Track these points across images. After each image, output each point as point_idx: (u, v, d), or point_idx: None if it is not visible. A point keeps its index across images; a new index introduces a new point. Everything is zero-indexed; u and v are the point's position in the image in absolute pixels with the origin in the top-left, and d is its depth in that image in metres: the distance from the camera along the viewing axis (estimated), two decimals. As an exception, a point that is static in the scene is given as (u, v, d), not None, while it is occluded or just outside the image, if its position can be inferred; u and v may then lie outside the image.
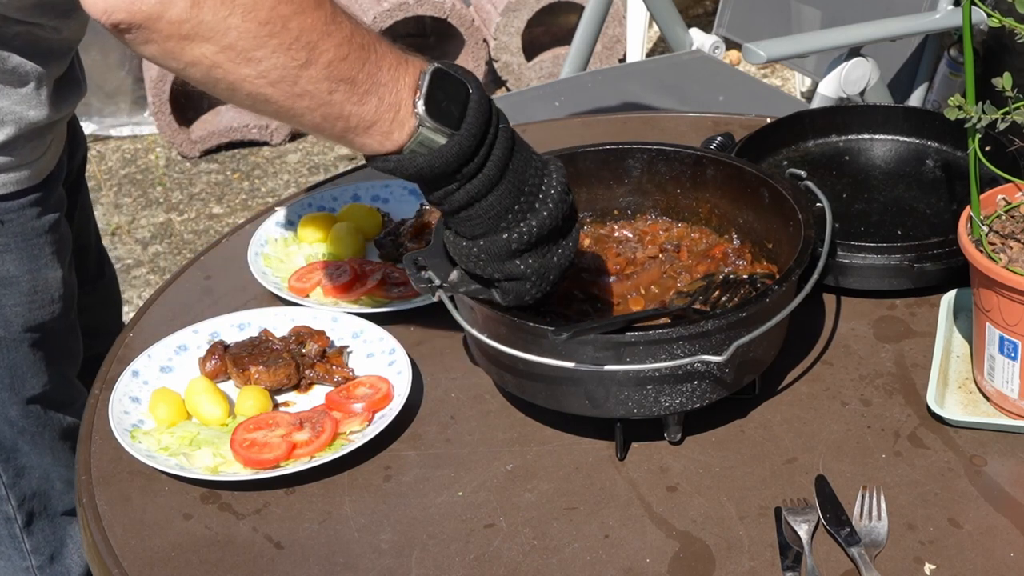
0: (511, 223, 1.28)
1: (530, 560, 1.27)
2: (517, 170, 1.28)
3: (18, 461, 1.67)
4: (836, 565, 1.24)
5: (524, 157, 1.29)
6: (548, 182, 1.30)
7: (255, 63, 1.16)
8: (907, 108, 1.90)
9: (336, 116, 1.21)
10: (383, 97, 1.22)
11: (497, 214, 1.28)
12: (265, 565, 1.29)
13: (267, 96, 1.19)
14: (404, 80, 1.23)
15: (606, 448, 1.40)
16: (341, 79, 1.19)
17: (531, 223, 1.28)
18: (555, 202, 1.30)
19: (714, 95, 3.14)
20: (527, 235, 1.28)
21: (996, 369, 1.37)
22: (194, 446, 1.41)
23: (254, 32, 1.14)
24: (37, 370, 1.64)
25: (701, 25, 3.64)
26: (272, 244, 1.74)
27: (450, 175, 1.25)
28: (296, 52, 1.16)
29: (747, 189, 1.53)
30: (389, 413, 1.42)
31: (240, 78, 1.17)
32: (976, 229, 1.35)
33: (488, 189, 1.26)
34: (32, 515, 1.71)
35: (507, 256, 1.29)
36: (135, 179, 4.06)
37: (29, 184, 1.56)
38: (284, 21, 1.15)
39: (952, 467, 1.34)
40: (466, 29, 4.30)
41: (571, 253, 1.34)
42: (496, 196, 1.27)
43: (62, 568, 1.76)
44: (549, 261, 1.32)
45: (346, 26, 1.19)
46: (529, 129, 2.10)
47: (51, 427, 1.68)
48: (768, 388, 1.46)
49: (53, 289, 1.62)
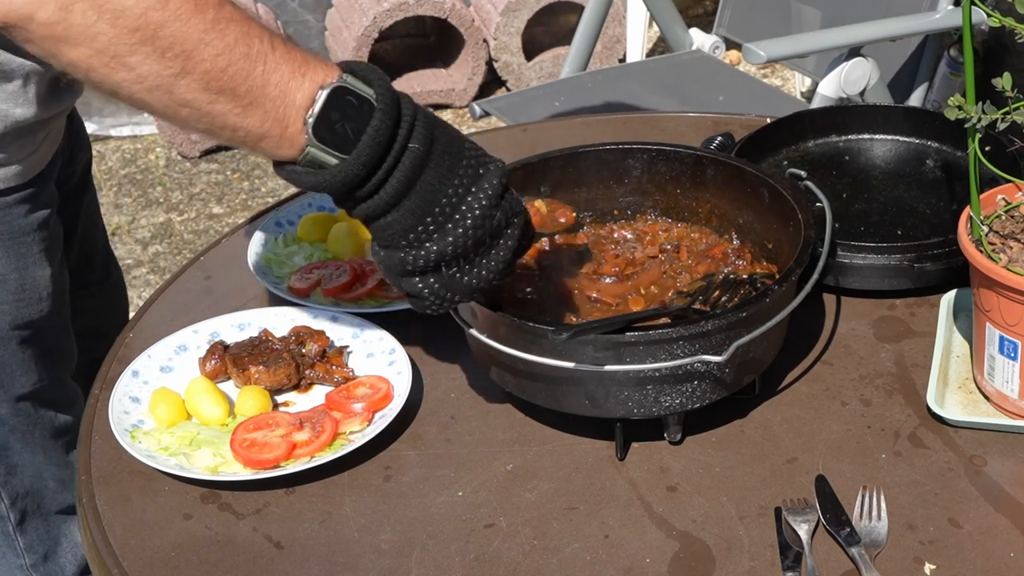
0: (412, 243, 1.25)
1: (530, 560, 1.27)
2: (426, 191, 1.23)
3: (10, 459, 1.67)
4: (836, 565, 1.24)
5: (441, 174, 1.24)
6: (471, 202, 1.25)
7: (129, 69, 1.14)
8: (907, 108, 1.90)
9: (221, 126, 1.19)
10: (269, 111, 1.18)
11: (397, 233, 1.24)
12: (265, 565, 1.29)
13: (147, 102, 1.17)
14: (297, 95, 1.19)
15: (606, 448, 1.40)
16: (220, 90, 1.16)
17: (432, 248, 1.24)
18: (469, 227, 1.25)
19: (714, 95, 3.15)
20: (423, 260, 1.25)
21: (996, 369, 1.37)
22: (194, 446, 1.41)
23: (123, 39, 1.13)
24: (26, 368, 1.64)
25: (701, 25, 3.64)
26: (272, 244, 1.74)
27: (345, 192, 1.22)
28: (170, 61, 1.14)
29: (747, 189, 1.53)
30: (389, 413, 1.42)
31: (116, 83, 1.16)
32: (976, 229, 1.35)
33: (385, 211, 1.23)
34: (25, 513, 1.71)
35: (403, 274, 1.27)
36: (135, 179, 4.06)
37: (17, 182, 1.55)
38: (155, 29, 1.13)
39: (952, 467, 1.34)
40: (466, 29, 4.30)
41: (493, 273, 1.29)
42: (396, 216, 1.23)
43: (56, 567, 1.76)
44: (456, 283, 1.27)
45: (230, 34, 1.16)
46: (529, 129, 2.10)
47: (42, 425, 1.68)
48: (768, 388, 1.46)
49: (41, 287, 1.62)
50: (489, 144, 2.04)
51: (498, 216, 1.27)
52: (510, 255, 1.30)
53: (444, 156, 1.24)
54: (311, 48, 4.47)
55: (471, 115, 3.17)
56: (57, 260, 1.65)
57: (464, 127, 4.31)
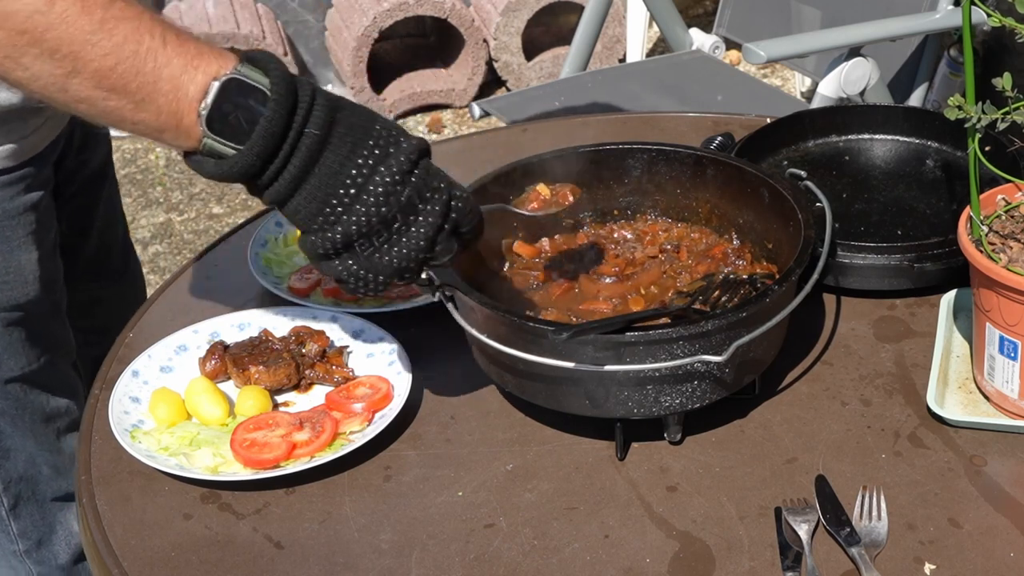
0: (322, 225, 1.25)
1: (530, 560, 1.27)
2: (326, 174, 1.24)
3: (2, 443, 1.67)
4: (836, 565, 1.24)
5: (342, 157, 1.24)
6: (376, 180, 1.25)
7: (24, 68, 1.18)
8: (907, 108, 1.90)
9: (119, 120, 1.21)
10: (162, 106, 1.20)
11: (305, 217, 1.25)
12: (265, 565, 1.29)
13: (51, 99, 1.20)
14: (190, 88, 1.20)
15: (606, 448, 1.40)
16: (111, 88, 1.19)
17: (338, 230, 1.25)
18: (371, 204, 1.24)
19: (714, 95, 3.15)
20: (331, 242, 1.25)
21: (996, 369, 1.37)
22: (194, 446, 1.41)
23: (13, 40, 1.16)
24: (13, 351, 1.64)
25: (701, 25, 3.64)
26: (272, 244, 1.74)
27: (247, 181, 1.24)
28: (60, 61, 1.17)
29: (747, 189, 1.53)
30: (389, 413, 1.42)
31: (17, 80, 1.19)
32: (976, 229, 1.35)
33: (288, 196, 1.24)
34: (19, 499, 1.71)
35: (320, 258, 1.27)
36: (135, 179, 4.06)
37: (5, 165, 1.56)
38: (42, 31, 1.15)
39: (952, 467, 1.34)
40: (466, 29, 4.30)
41: (414, 251, 1.27)
42: (300, 201, 1.25)
43: (49, 554, 1.76)
44: (376, 263, 1.27)
45: (119, 33, 1.18)
46: (529, 129, 2.10)
47: (31, 409, 1.68)
48: (768, 388, 1.46)
49: (27, 271, 1.62)
50: (489, 144, 2.06)
51: (407, 192, 1.26)
52: (431, 231, 1.28)
53: (346, 138, 1.25)
54: (311, 48, 4.47)
55: (471, 115, 3.17)
56: (48, 245, 1.65)
57: (464, 127, 4.31)
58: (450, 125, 4.35)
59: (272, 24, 4.27)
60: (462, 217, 1.30)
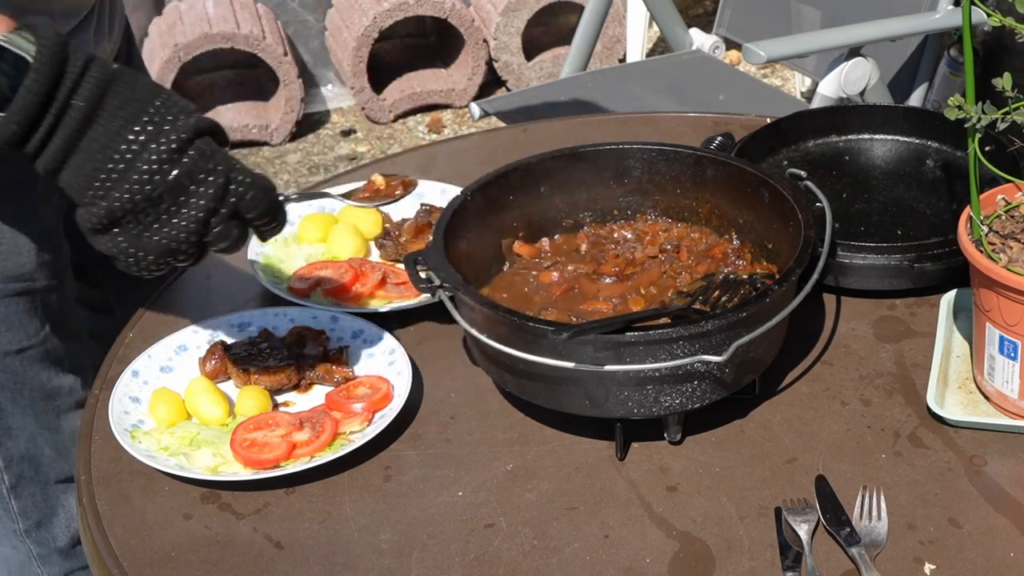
0: (92, 199, 1.24)
1: (530, 560, 1.27)
2: (94, 148, 1.23)
3: (3, 421, 1.67)
4: (836, 565, 1.24)
5: (113, 131, 1.23)
6: (144, 156, 1.23)
7: None
8: (907, 108, 1.90)
9: None
10: None
11: (76, 190, 1.25)
12: (265, 565, 1.29)
13: None
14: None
15: (606, 448, 1.40)
16: None
17: (101, 205, 1.24)
18: (135, 182, 1.23)
19: (714, 95, 3.15)
20: (97, 217, 1.24)
21: (996, 369, 1.37)
22: (194, 446, 1.42)
23: None
24: (10, 324, 1.63)
25: (701, 25, 3.64)
26: (272, 244, 1.74)
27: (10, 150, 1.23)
28: None
29: (747, 189, 1.53)
30: (389, 413, 1.42)
31: None
32: (976, 229, 1.35)
33: (56, 167, 1.24)
34: (20, 478, 1.71)
35: (90, 232, 1.27)
36: (135, 179, 4.06)
37: None
38: None
39: (952, 467, 1.34)
40: (466, 29, 4.30)
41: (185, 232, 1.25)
42: (69, 173, 1.24)
43: (48, 535, 1.76)
44: (145, 242, 1.26)
45: None
46: (529, 129, 2.10)
47: (30, 385, 1.67)
48: (768, 388, 1.46)
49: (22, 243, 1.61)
50: (489, 144, 2.06)
51: (175, 172, 1.24)
52: (202, 214, 1.26)
53: (118, 112, 1.24)
54: (311, 48, 4.47)
55: (471, 115, 3.17)
56: (49, 219, 1.65)
57: (464, 127, 4.31)
58: (450, 125, 4.35)
59: (272, 24, 4.27)
60: (243, 203, 1.28)
